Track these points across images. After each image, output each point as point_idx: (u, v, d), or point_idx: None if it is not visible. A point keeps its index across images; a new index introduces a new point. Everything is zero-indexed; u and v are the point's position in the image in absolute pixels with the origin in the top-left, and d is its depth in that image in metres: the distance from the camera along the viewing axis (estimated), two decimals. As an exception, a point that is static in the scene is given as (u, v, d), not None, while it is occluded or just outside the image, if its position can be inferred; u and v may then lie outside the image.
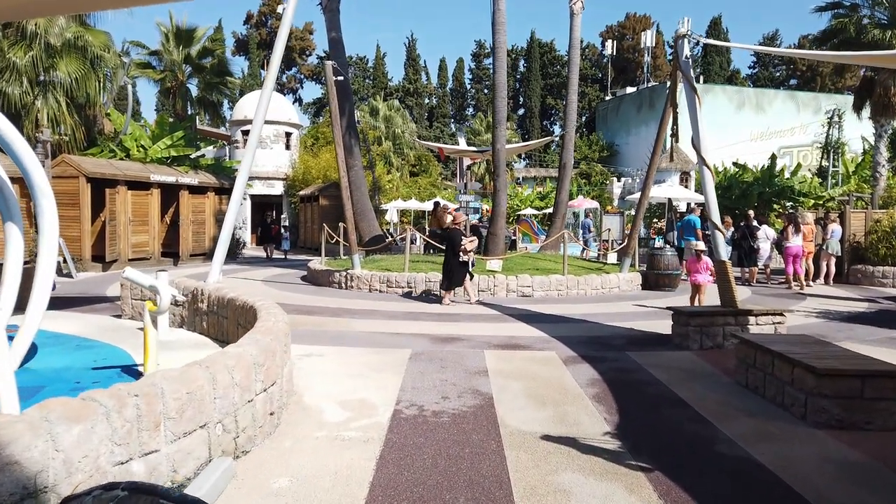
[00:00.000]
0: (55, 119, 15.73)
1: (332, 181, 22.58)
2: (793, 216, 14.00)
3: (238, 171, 8.25)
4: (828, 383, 4.59)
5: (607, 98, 59.81)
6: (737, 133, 45.20)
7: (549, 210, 36.91)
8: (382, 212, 27.47)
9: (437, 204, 18.93)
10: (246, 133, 28.84)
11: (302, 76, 70.17)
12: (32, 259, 4.52)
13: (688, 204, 19.78)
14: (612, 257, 14.57)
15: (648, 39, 59.04)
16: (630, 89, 56.45)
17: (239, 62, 66.44)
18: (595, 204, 27.43)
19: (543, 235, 29.96)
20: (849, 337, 8.13)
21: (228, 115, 33.44)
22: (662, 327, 8.71)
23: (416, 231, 20.05)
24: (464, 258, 10.82)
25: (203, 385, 3.52)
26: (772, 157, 24.63)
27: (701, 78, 54.59)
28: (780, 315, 7.48)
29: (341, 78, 12.70)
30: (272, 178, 28.96)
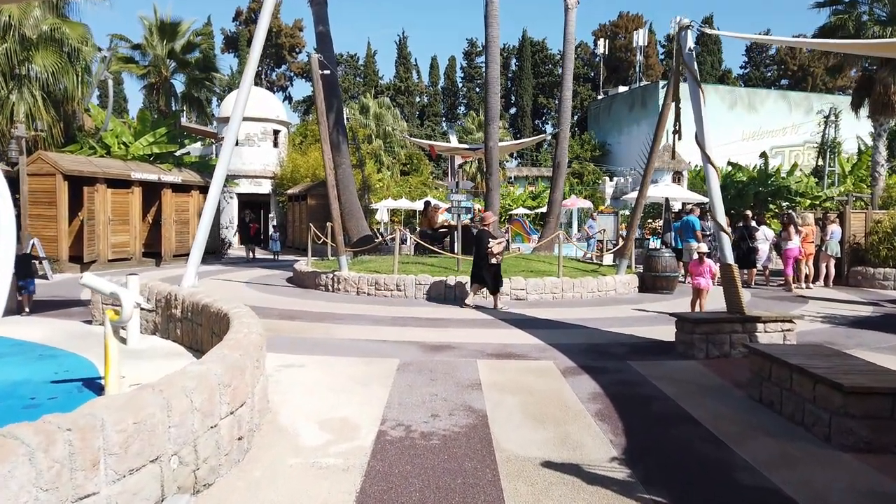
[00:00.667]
0: (31, 114, 15.12)
1: (321, 180, 22.03)
2: (792, 217, 13.65)
3: (216, 169, 7.75)
4: (855, 402, 4.18)
5: (599, 97, 59.52)
6: (729, 133, 45.02)
7: (542, 210, 36.64)
8: (373, 211, 26.97)
9: (429, 203, 18.46)
10: (233, 130, 28.22)
11: (291, 74, 69.41)
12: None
13: (683, 204, 19.43)
14: (608, 259, 14.15)
15: (641, 38, 58.81)
16: (622, 88, 56.16)
17: (228, 59, 65.71)
18: (588, 203, 27.08)
19: (536, 235, 29.57)
20: (858, 344, 7.76)
21: (217, 113, 32.82)
22: (664, 333, 8.30)
23: (407, 231, 19.58)
24: (493, 260, 10.45)
25: (154, 413, 3.05)
26: (763, 156, 24.36)
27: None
28: (790, 322, 7.08)
29: (328, 72, 12.22)
30: (260, 177, 28.37)
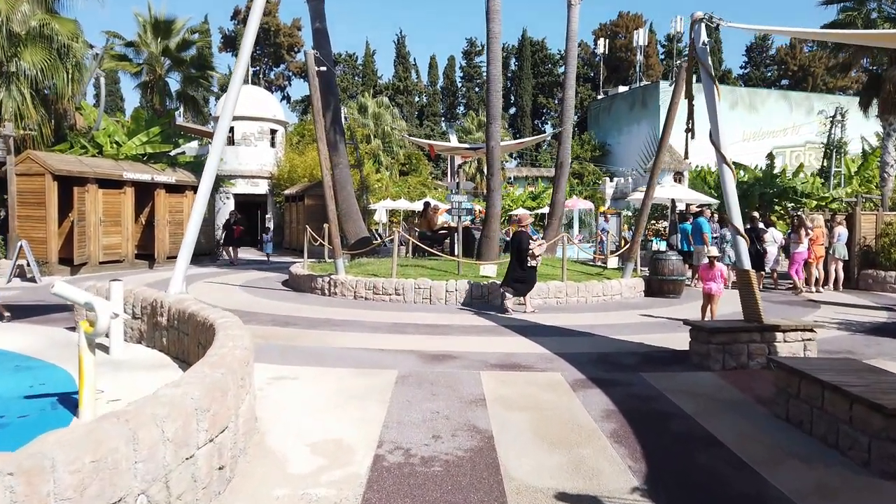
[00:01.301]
0: (20, 112, 14.71)
1: (319, 180, 21.65)
2: (801, 219, 13.29)
3: (205, 169, 7.38)
4: (899, 425, 3.80)
5: (599, 97, 59.18)
6: (729, 133, 44.52)
7: (542, 210, 36.26)
8: (371, 212, 26.59)
9: (428, 204, 18.09)
10: (230, 130, 27.81)
11: (290, 73, 68.97)
12: None
13: (686, 206, 19.08)
14: (613, 261, 13.77)
15: (641, 38, 58.52)
16: (622, 88, 55.84)
17: (226, 58, 65.26)
18: (590, 204, 26.70)
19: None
20: (879, 353, 7.40)
21: (214, 112, 32.42)
22: (675, 342, 7.93)
23: (404, 233, 19.17)
24: (531, 263, 10.08)
25: (118, 447, 2.67)
26: (769, 157, 24.04)
27: (693, 77, 54.04)
28: (811, 331, 6.71)
29: (325, 68, 11.83)
30: (256, 177, 27.98)
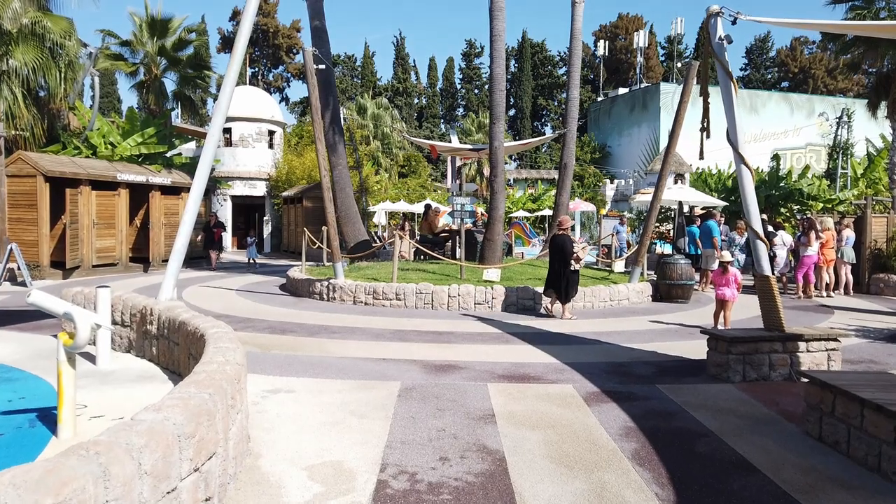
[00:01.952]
0: (11, 112, 14.35)
1: (317, 182, 21.32)
2: (812, 221, 12.96)
3: (197, 170, 7.04)
4: (954, 450, 3.46)
5: (599, 99, 58.93)
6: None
7: (542, 213, 35.98)
8: (370, 214, 26.26)
9: (429, 206, 17.76)
10: (227, 131, 27.50)
11: (289, 75, 68.62)
12: None
13: (691, 208, 18.75)
14: (620, 265, 13.43)
15: (641, 40, 58.35)
16: (622, 90, 55.61)
17: (225, 59, 64.89)
18: (592, 206, 26.41)
19: (536, 238, 28.89)
20: (904, 363, 7.07)
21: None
22: (689, 350, 7.60)
23: (405, 233, 18.85)
24: (575, 266, 9.81)
25: (85, 486, 2.32)
26: (775, 158, 23.76)
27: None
28: (835, 340, 6.37)
29: (323, 66, 11.50)
30: (254, 179, 27.65)
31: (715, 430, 4.72)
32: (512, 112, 67.05)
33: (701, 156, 7.17)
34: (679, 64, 63.40)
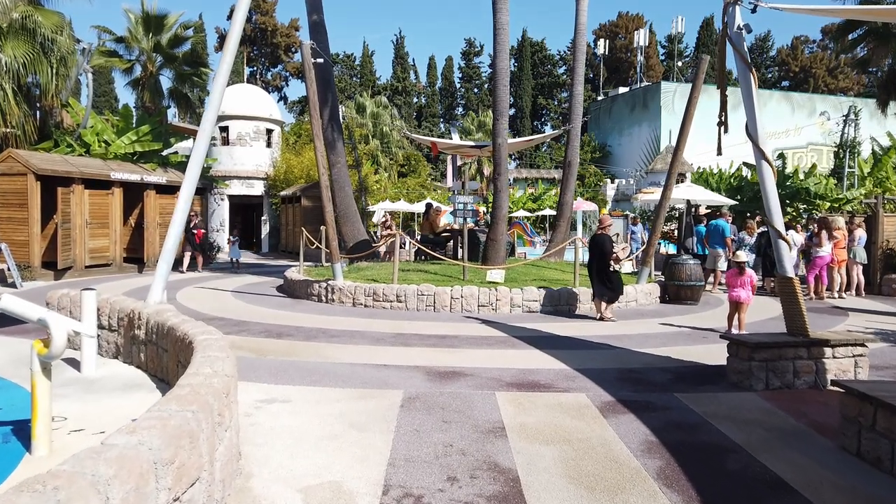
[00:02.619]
0: (1, 109, 13.98)
1: (316, 181, 20.98)
2: (825, 221, 12.63)
3: (188, 169, 6.69)
4: None
5: (599, 98, 58.59)
6: (732, 134, 44.10)
7: (543, 212, 35.64)
8: (370, 214, 25.92)
9: (430, 206, 17.40)
10: (224, 129, 27.14)
11: (287, 74, 68.24)
12: None
13: (696, 207, 18.41)
14: (627, 266, 13.09)
15: (641, 39, 58.00)
16: (623, 89, 55.27)
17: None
18: (594, 206, 26.10)
19: (536, 237, 28.58)
20: (931, 368, 6.73)
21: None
22: (704, 355, 7.27)
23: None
24: (616, 267, 9.69)
25: (39, 530, 1.97)
26: (780, 157, 23.43)
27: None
28: (861, 346, 6.03)
29: (321, 60, 11.14)
30: (252, 178, 27.28)
31: (743, 445, 4.38)
32: (511, 112, 66.69)
33: (719, 151, 6.83)
34: (680, 63, 63.10)
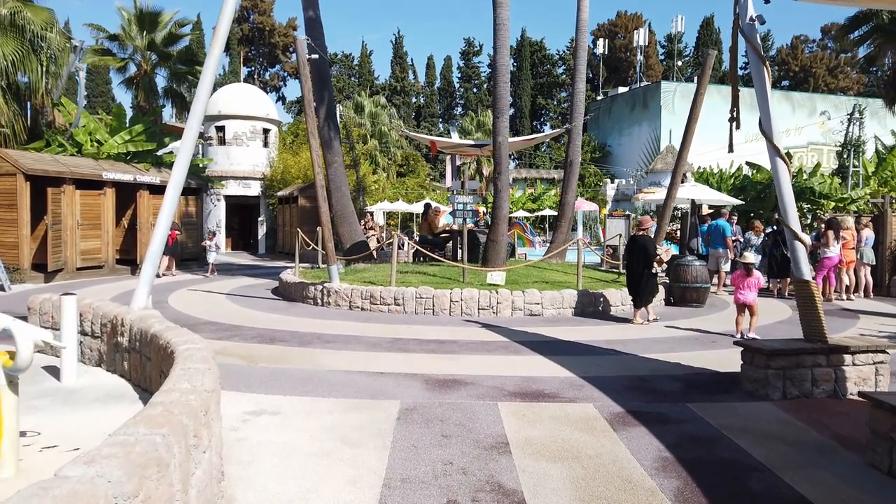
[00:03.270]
0: (-12, 107, 13.69)
1: (313, 181, 20.70)
2: (832, 221, 12.33)
3: (174, 166, 6.39)
4: None
5: (599, 98, 58.32)
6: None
7: (543, 213, 35.36)
8: (367, 215, 25.61)
9: (429, 206, 17.11)
10: (220, 129, 26.81)
11: (285, 74, 67.97)
12: None
13: (699, 207, 18.13)
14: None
15: (641, 38, 57.76)
16: (622, 89, 55.02)
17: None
18: (595, 206, 25.82)
19: (536, 237, 28.30)
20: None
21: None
22: (714, 361, 6.97)
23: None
24: (656, 269, 9.45)
25: (-37, 589, 1.66)
26: (788, 156, 23.14)
27: (694, 77, 53.29)
28: (882, 352, 5.73)
29: (316, 56, 10.83)
30: (248, 178, 26.96)
31: (765, 462, 4.07)
32: (511, 111, 66.39)
33: (730, 148, 6.55)
34: (679, 62, 62.84)
